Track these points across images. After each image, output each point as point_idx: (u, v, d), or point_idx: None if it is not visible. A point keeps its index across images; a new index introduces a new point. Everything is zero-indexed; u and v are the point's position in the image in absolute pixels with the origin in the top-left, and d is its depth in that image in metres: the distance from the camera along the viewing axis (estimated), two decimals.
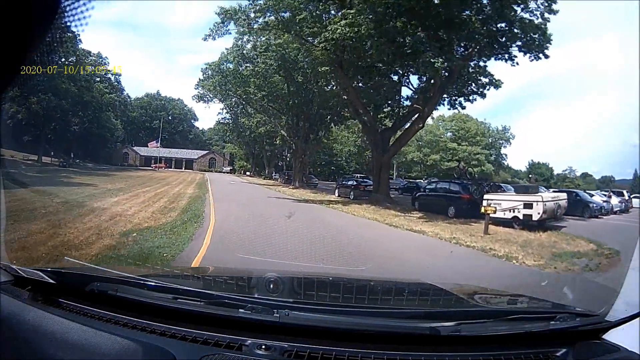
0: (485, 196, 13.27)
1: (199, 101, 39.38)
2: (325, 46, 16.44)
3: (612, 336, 1.45)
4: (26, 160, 34.52)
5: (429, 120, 23.04)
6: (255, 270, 2.95)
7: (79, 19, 1.02)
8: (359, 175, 31.11)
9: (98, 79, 45.98)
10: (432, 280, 3.14)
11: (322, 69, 19.69)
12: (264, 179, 43.24)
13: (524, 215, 11.98)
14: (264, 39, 24.49)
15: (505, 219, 12.09)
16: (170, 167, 54.30)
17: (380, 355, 1.33)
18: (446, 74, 16.92)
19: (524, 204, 12.10)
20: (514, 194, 13.94)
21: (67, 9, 0.98)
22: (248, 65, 29.87)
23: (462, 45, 16.55)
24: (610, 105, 57.81)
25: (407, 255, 7.50)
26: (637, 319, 1.44)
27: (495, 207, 11.61)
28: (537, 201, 12.04)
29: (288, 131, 31.95)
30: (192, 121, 68.07)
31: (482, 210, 11.40)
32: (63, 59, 34.27)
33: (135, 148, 56.79)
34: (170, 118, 64.09)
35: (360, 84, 21.84)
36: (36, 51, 0.95)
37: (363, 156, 47.30)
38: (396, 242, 9.11)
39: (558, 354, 1.38)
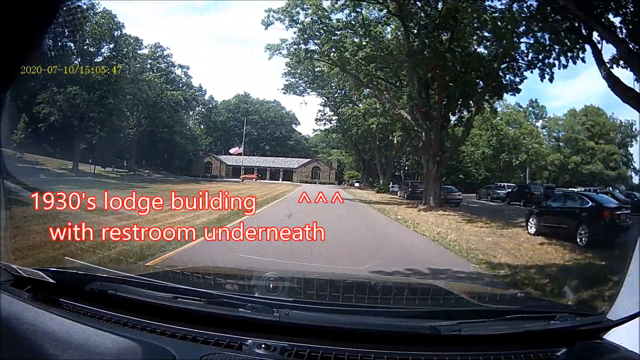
0: None
1: (287, 92, 33.14)
2: None
3: (613, 336, 1.44)
4: (60, 168, 29.14)
5: (559, 112, 11.63)
6: (255, 270, 2.89)
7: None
8: (530, 183, 19.73)
9: (161, 75, 37.49)
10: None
11: None
12: (378, 192, 31.72)
13: None
14: None
15: None
16: (264, 178, 47.02)
17: (380, 355, 1.33)
18: None
19: None
20: None
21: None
22: (338, 15, 19.30)
23: None
24: None
25: None
26: (637, 318, 1.43)
27: None
28: None
29: (412, 112, 19.13)
30: (292, 125, 58.96)
31: None
32: (91, 47, 29.70)
33: (221, 157, 49.62)
34: (265, 122, 55.79)
35: None
36: (39, 46, 0.95)
37: (497, 160, 39.05)
38: None
39: (558, 354, 1.38)
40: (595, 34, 9.26)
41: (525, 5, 12.28)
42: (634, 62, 8.23)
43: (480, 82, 17.50)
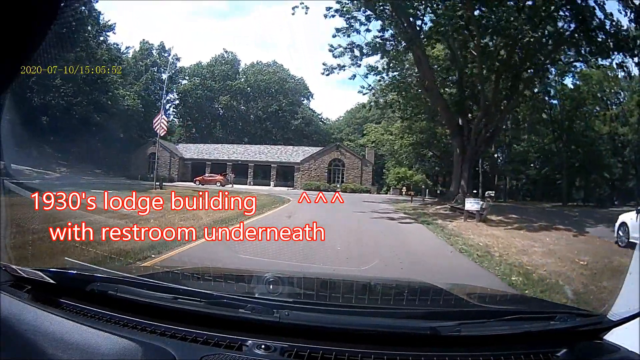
0: None
1: None
2: None
3: (613, 336, 1.44)
4: None
5: None
6: (255, 270, 2.84)
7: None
8: None
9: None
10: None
11: None
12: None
13: None
14: None
15: None
16: (246, 182, 27.56)
17: (380, 355, 1.34)
18: None
19: None
20: None
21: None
22: None
23: None
24: None
25: None
26: (637, 319, 1.43)
27: None
28: None
29: None
30: (301, 98, 36.91)
31: None
32: None
33: (179, 147, 30.50)
34: (256, 92, 34.25)
35: None
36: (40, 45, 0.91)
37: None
38: None
39: (558, 354, 1.38)
40: None
41: None
42: None
43: None
